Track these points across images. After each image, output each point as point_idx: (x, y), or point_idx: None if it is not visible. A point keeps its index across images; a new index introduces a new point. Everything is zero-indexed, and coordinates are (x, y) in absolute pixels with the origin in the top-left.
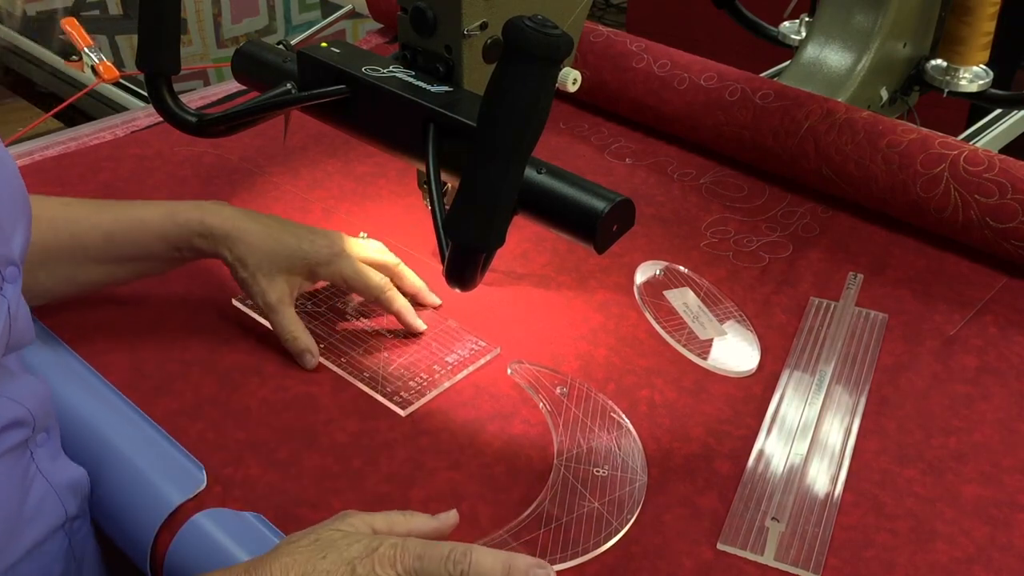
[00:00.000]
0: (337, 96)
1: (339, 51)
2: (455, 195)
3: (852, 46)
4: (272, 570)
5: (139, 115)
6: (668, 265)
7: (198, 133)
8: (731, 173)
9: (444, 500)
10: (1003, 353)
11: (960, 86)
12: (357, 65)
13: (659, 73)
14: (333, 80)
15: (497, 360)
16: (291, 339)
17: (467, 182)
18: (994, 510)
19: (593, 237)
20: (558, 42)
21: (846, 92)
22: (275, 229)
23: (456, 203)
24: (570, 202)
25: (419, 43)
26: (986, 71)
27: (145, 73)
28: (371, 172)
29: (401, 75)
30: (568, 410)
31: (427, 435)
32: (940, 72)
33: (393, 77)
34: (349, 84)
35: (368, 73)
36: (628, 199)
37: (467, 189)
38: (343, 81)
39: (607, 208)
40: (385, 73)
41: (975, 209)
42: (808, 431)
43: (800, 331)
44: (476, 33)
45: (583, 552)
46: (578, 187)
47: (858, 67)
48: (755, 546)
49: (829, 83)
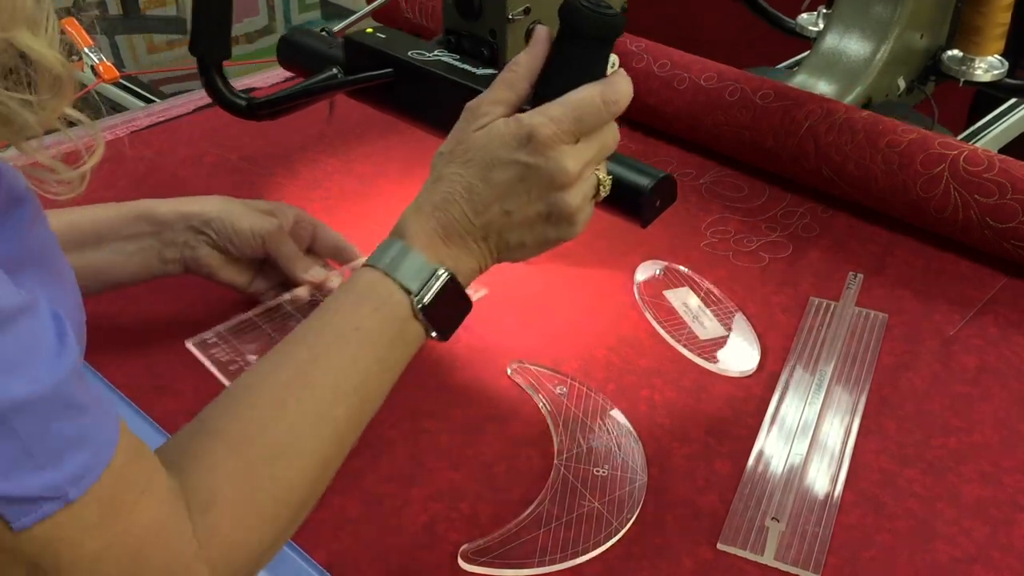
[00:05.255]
0: (384, 79)
1: (385, 36)
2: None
3: (871, 36)
4: (449, 192)
5: (139, 115)
6: (668, 265)
7: (248, 116)
8: (731, 173)
9: (444, 499)
10: (1003, 353)
11: (975, 76)
12: (403, 49)
13: (659, 73)
14: (380, 64)
15: (497, 359)
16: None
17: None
18: (994, 510)
19: (639, 213)
20: (614, 21)
21: (864, 81)
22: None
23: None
24: (616, 180)
25: (464, 28)
26: (1001, 61)
27: (198, 59)
28: (371, 172)
29: (447, 59)
30: (568, 410)
31: (427, 435)
32: (956, 62)
33: (439, 61)
34: (396, 68)
35: (415, 57)
36: (670, 175)
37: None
38: (390, 65)
39: (652, 184)
40: (431, 57)
41: (975, 209)
42: (808, 431)
43: (800, 331)
44: (520, 17)
45: (583, 552)
46: (624, 165)
47: (876, 57)
48: (755, 546)
49: (848, 73)
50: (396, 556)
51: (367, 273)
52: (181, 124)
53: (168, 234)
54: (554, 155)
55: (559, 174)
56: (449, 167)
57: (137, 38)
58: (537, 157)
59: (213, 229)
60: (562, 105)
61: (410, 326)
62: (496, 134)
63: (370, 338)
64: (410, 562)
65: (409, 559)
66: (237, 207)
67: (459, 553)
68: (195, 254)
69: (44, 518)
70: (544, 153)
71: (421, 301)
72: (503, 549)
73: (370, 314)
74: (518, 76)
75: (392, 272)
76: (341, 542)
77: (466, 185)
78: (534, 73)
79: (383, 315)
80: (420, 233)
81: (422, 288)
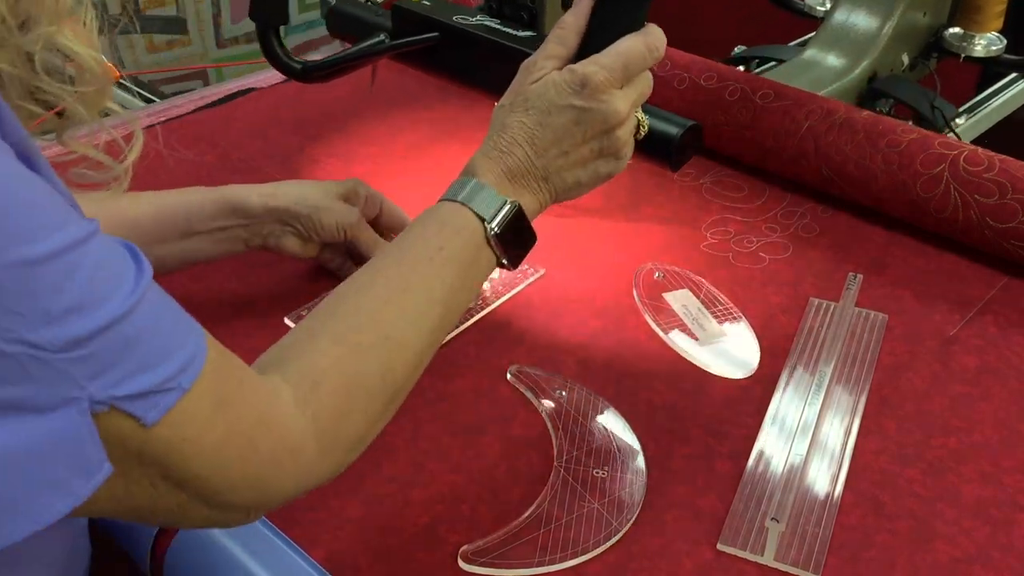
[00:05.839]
0: (429, 43)
1: (430, 3)
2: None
3: (876, 13)
4: (512, 137)
5: (139, 115)
6: (668, 267)
7: (303, 78)
8: (731, 173)
9: (445, 501)
10: (1003, 353)
11: (975, 52)
12: (448, 15)
13: (659, 73)
14: (426, 29)
15: (496, 364)
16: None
17: None
18: (994, 510)
19: (669, 159)
20: None
21: (870, 56)
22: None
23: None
24: (650, 128)
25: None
26: (999, 38)
27: (257, 24)
28: (371, 172)
29: (489, 23)
30: (568, 413)
31: (427, 440)
32: (957, 39)
33: (482, 24)
34: (441, 32)
35: (459, 22)
36: (698, 124)
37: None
38: (435, 29)
39: (680, 133)
40: (475, 21)
41: (975, 209)
42: (808, 431)
43: (800, 332)
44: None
45: (583, 552)
46: (652, 115)
47: (882, 33)
48: (755, 546)
49: (854, 48)
50: (396, 556)
51: (446, 204)
52: (181, 124)
53: (256, 226)
54: (607, 98)
55: (612, 115)
56: (511, 116)
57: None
58: (591, 101)
59: (300, 223)
60: (611, 55)
61: (484, 252)
62: (552, 83)
63: (453, 257)
64: (410, 562)
65: (409, 559)
66: (320, 197)
67: (459, 554)
68: (279, 242)
69: (168, 409)
70: (597, 97)
71: (493, 228)
72: (503, 549)
73: (451, 236)
74: (567, 32)
75: (468, 202)
76: (341, 542)
77: (527, 131)
78: (581, 29)
79: (462, 239)
80: (489, 172)
81: (494, 217)
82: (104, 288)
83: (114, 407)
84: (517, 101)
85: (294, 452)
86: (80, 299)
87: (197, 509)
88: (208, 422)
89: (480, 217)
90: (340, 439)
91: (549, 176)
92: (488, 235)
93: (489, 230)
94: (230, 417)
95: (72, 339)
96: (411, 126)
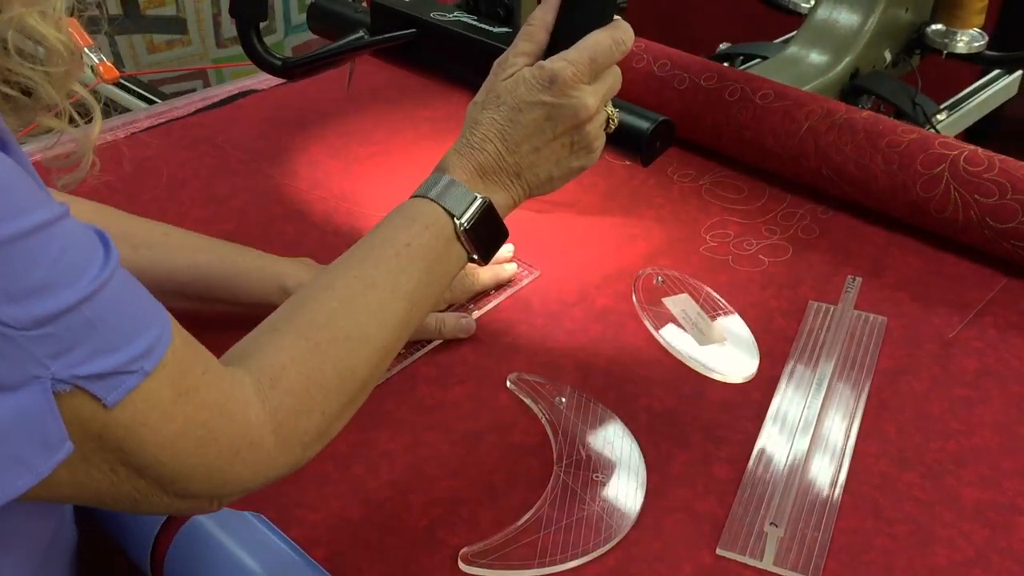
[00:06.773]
0: (407, 39)
1: (408, 0)
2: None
3: (858, 10)
4: (484, 134)
5: (139, 116)
6: (667, 271)
7: (282, 75)
8: (731, 174)
9: (444, 505)
10: (1003, 356)
11: (957, 48)
12: (425, 11)
13: (659, 73)
14: (404, 25)
15: (496, 371)
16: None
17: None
18: (993, 513)
19: (640, 153)
20: None
21: (853, 52)
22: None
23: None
24: (620, 123)
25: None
26: (981, 34)
27: (236, 21)
28: (370, 172)
29: (466, 19)
30: (567, 419)
31: (426, 447)
32: (939, 36)
33: (459, 20)
34: (419, 28)
35: (436, 18)
36: (669, 119)
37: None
38: (414, 25)
39: (651, 127)
40: (451, 17)
41: (975, 209)
42: (807, 435)
43: (799, 335)
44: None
45: (583, 554)
46: (623, 110)
47: (864, 30)
48: (754, 551)
49: (837, 44)
50: (396, 557)
51: (416, 201)
52: (181, 125)
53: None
54: (576, 94)
55: (582, 110)
56: (483, 113)
57: (137, 38)
58: (560, 97)
59: None
60: (578, 49)
61: (453, 246)
62: (522, 80)
63: (420, 252)
64: (410, 563)
65: (409, 560)
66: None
67: (459, 555)
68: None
69: (129, 391)
70: (567, 93)
71: (463, 224)
72: (503, 551)
73: (420, 232)
74: (536, 29)
75: (438, 199)
76: (341, 542)
77: (499, 127)
78: (550, 25)
79: (431, 234)
80: (461, 169)
81: (464, 212)
82: (70, 270)
83: (76, 387)
84: (489, 98)
85: (253, 444)
86: (46, 279)
87: (157, 496)
88: (169, 409)
89: (450, 213)
90: (298, 434)
91: (521, 172)
92: (458, 231)
93: (459, 226)
94: (191, 406)
95: (37, 318)
96: (411, 126)
